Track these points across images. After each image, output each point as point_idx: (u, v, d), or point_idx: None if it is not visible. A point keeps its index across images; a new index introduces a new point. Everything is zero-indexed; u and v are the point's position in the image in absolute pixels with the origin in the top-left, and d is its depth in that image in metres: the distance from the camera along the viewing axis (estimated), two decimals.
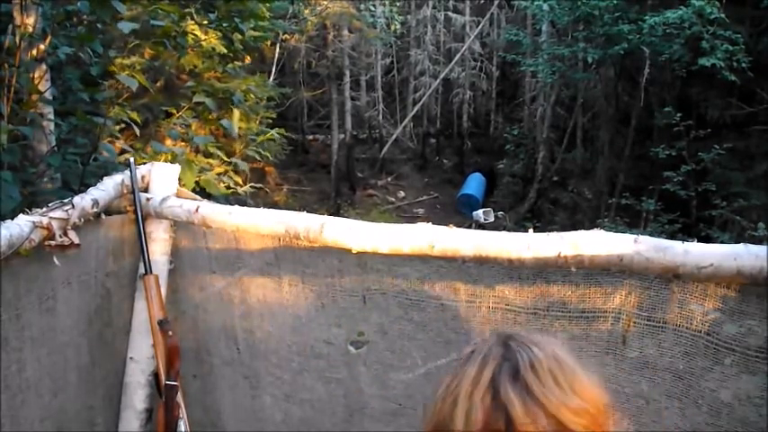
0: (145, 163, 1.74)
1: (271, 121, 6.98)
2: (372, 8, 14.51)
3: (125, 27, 2.28)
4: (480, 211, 12.60)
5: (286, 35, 12.12)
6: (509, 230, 1.25)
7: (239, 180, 4.32)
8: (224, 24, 3.73)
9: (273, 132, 5.40)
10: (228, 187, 3.94)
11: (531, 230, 1.18)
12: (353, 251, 1.31)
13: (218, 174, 3.98)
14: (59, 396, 1.43)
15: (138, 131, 3.16)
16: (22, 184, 2.42)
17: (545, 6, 11.20)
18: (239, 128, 5.36)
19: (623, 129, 11.21)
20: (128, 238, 1.64)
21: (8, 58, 2.41)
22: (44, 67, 2.59)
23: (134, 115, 3.01)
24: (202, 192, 3.13)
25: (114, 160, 2.67)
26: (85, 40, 2.56)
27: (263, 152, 5.02)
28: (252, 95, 5.72)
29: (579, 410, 0.78)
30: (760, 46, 9.08)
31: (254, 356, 1.66)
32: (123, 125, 3.32)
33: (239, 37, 4.23)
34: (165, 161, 2.41)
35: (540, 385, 0.79)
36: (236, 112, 3.45)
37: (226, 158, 3.96)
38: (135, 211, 1.58)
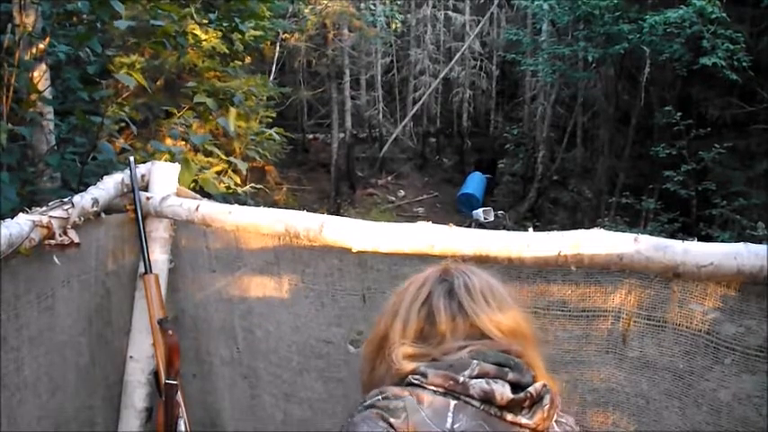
0: (145, 162, 1.74)
1: (271, 120, 6.97)
2: (372, 7, 14.50)
3: (122, 24, 2.28)
4: (480, 211, 12.60)
5: (286, 34, 12.11)
6: (509, 230, 1.25)
7: (238, 180, 4.32)
8: (224, 24, 3.73)
9: (272, 132, 5.39)
10: (228, 188, 3.94)
11: (531, 230, 1.18)
12: (353, 250, 1.31)
13: (218, 173, 3.98)
14: (57, 395, 1.42)
15: (135, 130, 3.16)
16: (21, 184, 2.42)
17: (545, 5, 11.18)
18: (239, 127, 5.35)
19: (623, 128, 11.20)
20: (128, 238, 1.64)
21: (7, 57, 2.40)
22: (44, 66, 2.59)
23: (133, 114, 3.01)
24: (201, 191, 3.13)
25: (113, 159, 2.67)
26: (84, 39, 2.56)
27: (262, 152, 5.01)
28: (252, 96, 5.71)
29: (502, 325, 0.91)
30: (760, 45, 9.06)
31: (254, 356, 1.66)
32: (123, 124, 3.32)
33: (239, 37, 4.22)
34: (165, 160, 2.41)
35: (470, 301, 0.92)
36: (233, 111, 3.44)
37: (224, 157, 3.96)
38: (135, 210, 1.58)
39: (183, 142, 3.97)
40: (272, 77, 10.89)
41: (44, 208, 1.32)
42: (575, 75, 12.28)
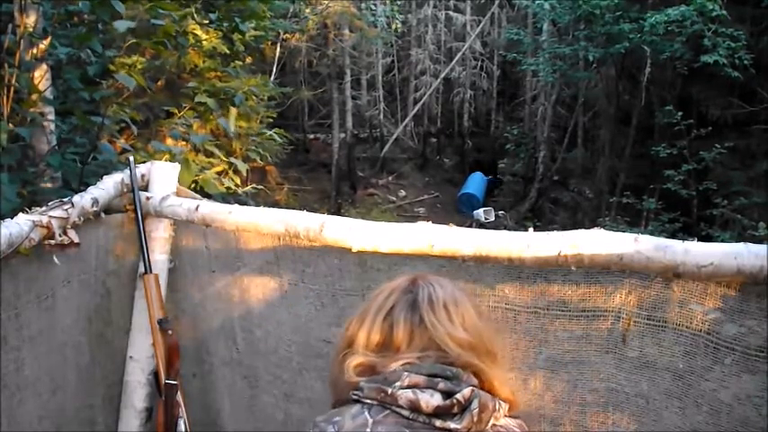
0: (146, 162, 1.74)
1: (271, 120, 6.96)
2: (373, 7, 14.49)
3: (121, 26, 2.27)
4: (481, 211, 12.61)
5: (287, 34, 12.10)
6: (509, 230, 1.25)
7: (238, 180, 4.31)
8: (224, 24, 3.73)
9: (272, 133, 5.38)
10: (229, 188, 3.94)
11: (531, 229, 1.18)
12: (353, 250, 1.31)
13: (218, 173, 3.98)
14: (58, 395, 1.43)
15: (135, 131, 3.16)
16: (21, 184, 2.42)
17: (546, 5, 11.17)
18: (240, 127, 5.35)
19: (624, 128, 11.19)
20: (128, 237, 1.64)
21: (8, 57, 2.40)
22: (45, 66, 2.58)
23: (133, 114, 3.00)
24: (202, 192, 3.12)
25: (113, 159, 2.67)
26: (84, 39, 2.55)
27: (262, 152, 5.00)
28: (253, 96, 5.71)
29: (462, 341, 0.94)
30: (761, 45, 9.05)
31: (254, 356, 1.66)
32: (124, 125, 3.32)
33: (239, 37, 4.22)
34: (166, 161, 2.41)
35: (432, 316, 0.95)
36: (233, 112, 3.43)
37: (224, 158, 3.96)
38: (135, 210, 1.58)
39: (184, 142, 3.97)
40: (272, 77, 10.88)
41: (44, 208, 1.33)
42: (575, 75, 12.27)
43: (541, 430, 1.25)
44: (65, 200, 1.38)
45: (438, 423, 0.89)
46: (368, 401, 0.91)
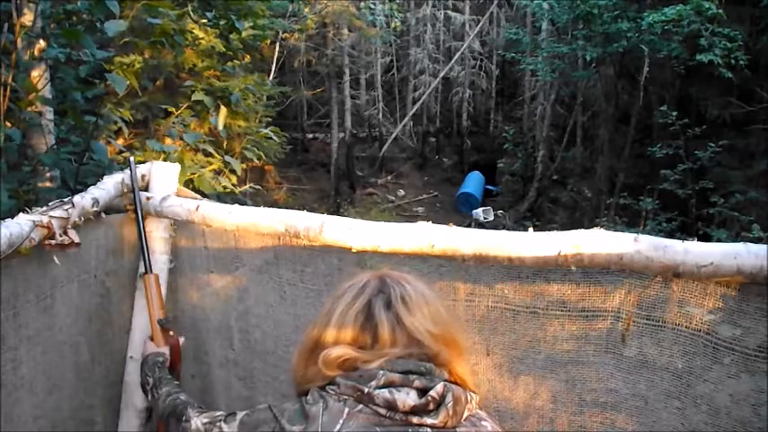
0: (142, 162, 1.74)
1: (270, 119, 6.97)
2: (372, 6, 14.48)
3: (111, 27, 2.23)
4: (480, 210, 12.60)
5: (286, 34, 12.10)
6: (509, 229, 1.25)
7: (233, 179, 4.31)
8: (221, 23, 3.72)
9: (268, 131, 5.38)
10: (225, 187, 3.93)
11: (530, 229, 1.18)
12: (353, 250, 1.31)
13: (215, 173, 3.97)
14: (54, 394, 1.42)
15: (126, 132, 3.15)
16: (18, 184, 2.41)
17: (545, 5, 11.17)
18: (238, 126, 5.35)
19: (623, 127, 11.19)
20: (128, 237, 1.64)
21: (5, 57, 2.40)
22: (43, 66, 2.58)
23: (126, 113, 2.99)
24: (197, 191, 3.12)
25: (105, 159, 2.65)
26: (73, 37, 2.53)
27: (257, 151, 5.00)
28: (251, 94, 5.70)
29: (437, 335, 0.98)
30: (759, 45, 9.06)
31: (251, 357, 1.66)
32: (123, 124, 3.31)
33: (237, 36, 4.21)
34: (162, 160, 2.39)
35: (408, 314, 0.97)
36: (223, 110, 3.42)
37: (218, 156, 3.95)
38: (135, 210, 1.58)
39: (182, 141, 3.96)
40: (271, 77, 10.87)
41: (44, 208, 1.32)
42: (574, 74, 12.28)
43: (539, 430, 1.25)
44: (65, 200, 1.38)
45: (415, 420, 0.92)
46: (344, 398, 0.93)
